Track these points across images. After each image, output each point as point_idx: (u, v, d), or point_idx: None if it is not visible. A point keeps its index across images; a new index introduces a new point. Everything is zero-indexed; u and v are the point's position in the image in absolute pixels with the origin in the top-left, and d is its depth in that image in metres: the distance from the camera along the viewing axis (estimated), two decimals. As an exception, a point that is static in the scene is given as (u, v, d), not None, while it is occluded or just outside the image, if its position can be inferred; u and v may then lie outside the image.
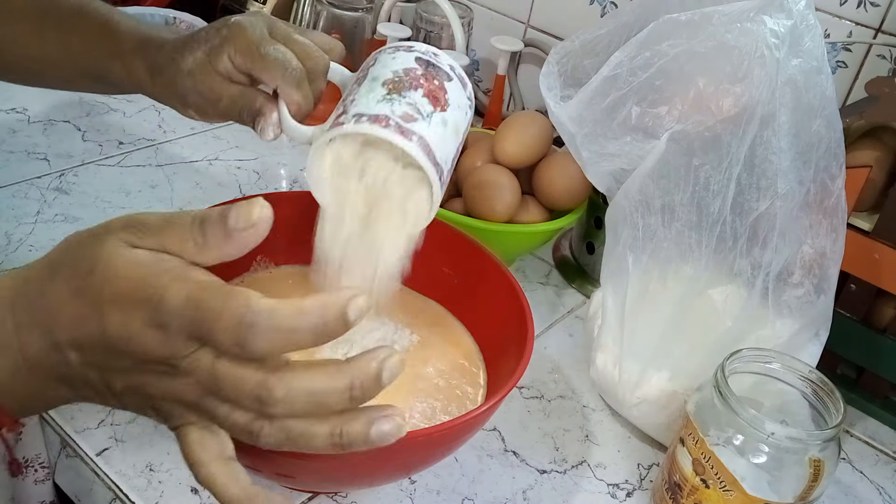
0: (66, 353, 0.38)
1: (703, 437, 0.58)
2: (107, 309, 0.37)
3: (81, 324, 0.37)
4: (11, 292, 0.39)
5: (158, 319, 0.36)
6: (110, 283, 0.37)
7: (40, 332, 0.38)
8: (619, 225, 0.67)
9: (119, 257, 0.37)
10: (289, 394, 0.36)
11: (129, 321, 0.36)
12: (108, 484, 0.59)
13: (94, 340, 0.38)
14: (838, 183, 0.65)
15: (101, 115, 1.03)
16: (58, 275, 0.38)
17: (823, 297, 0.66)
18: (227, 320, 0.35)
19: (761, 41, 0.60)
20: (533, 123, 0.84)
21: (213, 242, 0.38)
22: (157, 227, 0.38)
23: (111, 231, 0.38)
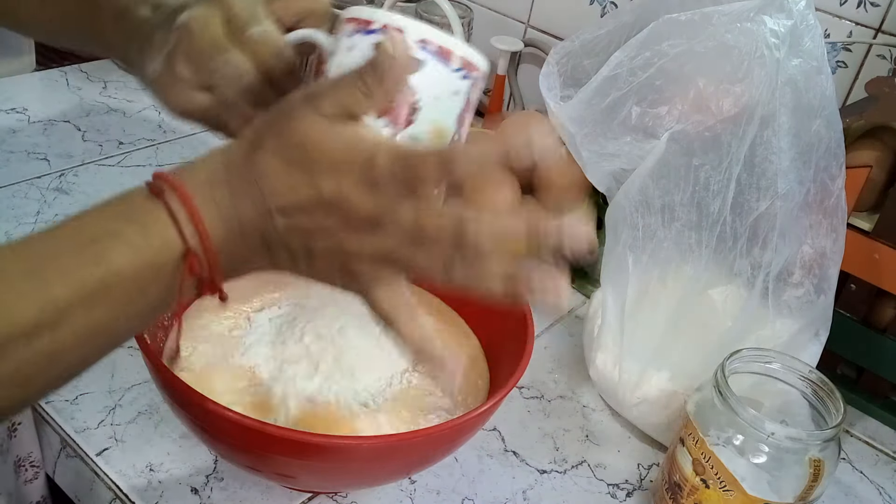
0: (275, 219, 0.42)
1: (703, 437, 0.58)
2: (320, 177, 0.41)
3: (296, 191, 0.42)
4: (223, 165, 0.43)
5: (369, 178, 0.41)
6: (321, 152, 0.41)
7: (251, 200, 0.42)
8: (619, 225, 0.67)
9: (324, 130, 0.42)
10: (479, 230, 0.41)
11: (342, 183, 0.41)
12: (108, 484, 0.59)
13: (306, 206, 0.42)
14: (838, 183, 0.65)
15: (101, 115, 1.03)
16: (263, 148, 0.42)
17: (823, 297, 0.66)
18: (431, 161, 0.40)
19: (761, 41, 0.60)
20: (533, 123, 0.84)
21: (374, 88, 0.43)
22: (332, 90, 0.43)
23: (303, 106, 0.43)
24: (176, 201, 0.42)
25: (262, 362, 0.61)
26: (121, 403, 0.65)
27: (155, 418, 0.64)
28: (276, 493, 0.61)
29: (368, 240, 0.42)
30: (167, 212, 0.41)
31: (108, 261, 0.40)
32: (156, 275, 0.41)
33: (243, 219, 0.42)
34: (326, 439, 0.54)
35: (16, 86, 1.06)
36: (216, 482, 0.61)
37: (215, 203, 0.42)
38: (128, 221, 0.41)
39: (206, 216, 0.42)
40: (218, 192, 0.42)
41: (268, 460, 0.54)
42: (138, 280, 0.41)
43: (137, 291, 0.41)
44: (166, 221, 0.41)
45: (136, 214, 0.42)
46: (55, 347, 0.39)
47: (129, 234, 0.41)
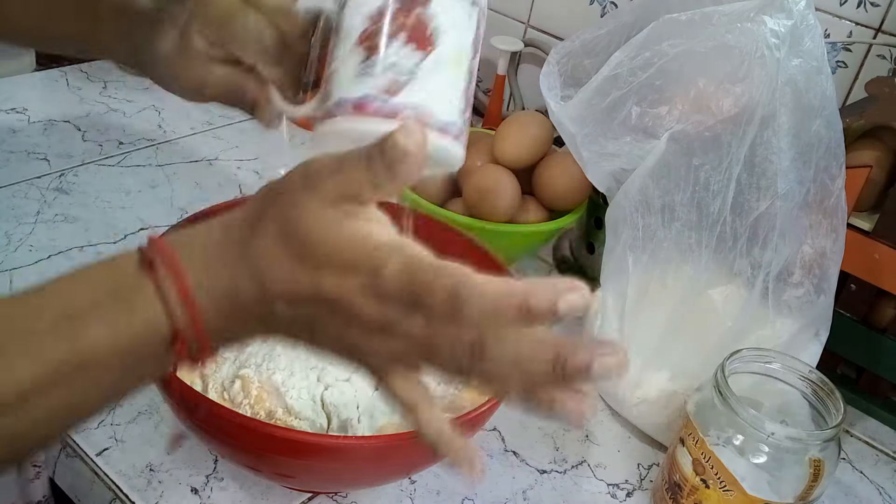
0: (276, 305, 0.40)
1: (703, 437, 0.58)
2: (323, 273, 0.39)
3: (296, 282, 0.39)
4: (222, 239, 0.41)
5: (375, 289, 0.38)
6: (326, 250, 0.39)
7: (251, 281, 0.40)
8: (619, 225, 0.67)
9: (328, 224, 0.39)
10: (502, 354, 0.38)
11: (345, 286, 0.39)
12: (108, 484, 0.59)
13: (307, 299, 0.39)
14: (838, 183, 0.65)
15: (101, 115, 1.03)
16: (263, 231, 0.40)
17: (823, 297, 0.66)
18: (440, 294, 0.37)
19: (761, 41, 0.60)
20: (533, 123, 0.84)
21: (382, 179, 0.40)
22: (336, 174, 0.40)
23: (305, 190, 0.40)
24: (167, 277, 0.39)
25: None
26: (121, 403, 0.65)
27: (155, 418, 0.64)
28: (276, 493, 0.61)
29: (376, 340, 0.40)
30: (156, 290, 0.39)
31: (85, 341, 0.38)
32: (138, 355, 0.39)
33: (240, 299, 0.40)
34: (326, 439, 0.54)
35: (16, 86, 1.06)
36: (216, 482, 0.61)
37: (210, 281, 0.40)
38: (113, 297, 0.39)
39: (198, 297, 0.39)
40: (214, 270, 0.40)
41: (268, 460, 0.54)
42: (118, 361, 0.39)
43: (117, 372, 0.39)
44: (155, 301, 0.39)
45: (122, 290, 0.39)
46: (25, 425, 0.38)
47: (112, 313, 0.39)
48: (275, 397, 0.58)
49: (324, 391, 0.58)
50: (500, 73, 1.10)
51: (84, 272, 0.40)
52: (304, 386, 0.58)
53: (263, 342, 0.61)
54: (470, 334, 0.38)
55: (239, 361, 0.60)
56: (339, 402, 0.58)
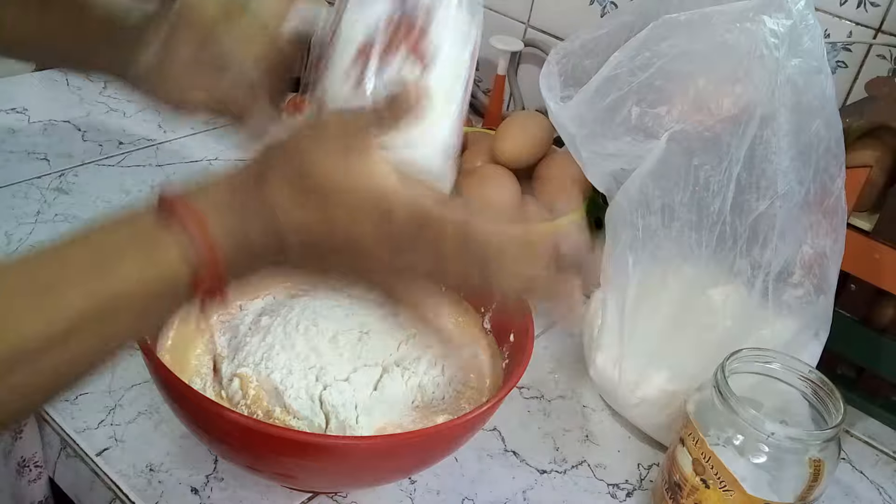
0: (289, 240, 0.43)
1: (703, 437, 0.58)
2: (333, 209, 0.42)
3: (308, 219, 0.42)
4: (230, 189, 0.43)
5: (384, 219, 0.41)
6: (334, 187, 0.41)
7: (263, 221, 0.42)
8: (619, 225, 0.67)
9: (335, 164, 0.42)
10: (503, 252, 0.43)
11: (357, 220, 0.42)
12: (108, 484, 0.59)
13: (320, 233, 0.42)
14: (838, 183, 0.65)
15: (101, 115, 1.03)
16: (272, 176, 0.42)
17: (823, 297, 0.66)
18: (450, 236, 0.41)
19: (761, 41, 0.60)
20: (533, 123, 0.84)
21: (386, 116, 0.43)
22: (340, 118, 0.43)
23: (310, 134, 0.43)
24: (189, 226, 0.41)
25: (226, 344, 0.62)
26: (121, 403, 0.65)
27: (155, 418, 0.64)
28: (276, 493, 0.61)
29: (385, 270, 0.43)
30: (180, 233, 0.41)
31: (117, 279, 0.40)
32: (163, 294, 0.41)
33: (252, 237, 0.43)
34: (326, 439, 0.54)
35: (16, 86, 1.06)
36: (216, 482, 0.61)
37: (225, 223, 0.42)
38: (138, 243, 0.41)
39: (216, 235, 0.42)
40: (227, 213, 0.42)
41: (268, 460, 0.54)
42: (148, 298, 0.41)
43: (147, 307, 0.41)
44: (178, 243, 0.41)
45: (146, 235, 0.41)
46: (64, 360, 0.39)
47: (139, 255, 0.41)
48: (273, 397, 0.58)
49: (322, 391, 0.58)
50: (500, 73, 1.10)
51: (104, 225, 0.42)
52: (302, 385, 0.58)
53: (262, 342, 0.61)
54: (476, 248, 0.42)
55: (237, 360, 0.60)
56: (338, 402, 0.57)
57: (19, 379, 0.38)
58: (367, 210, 0.41)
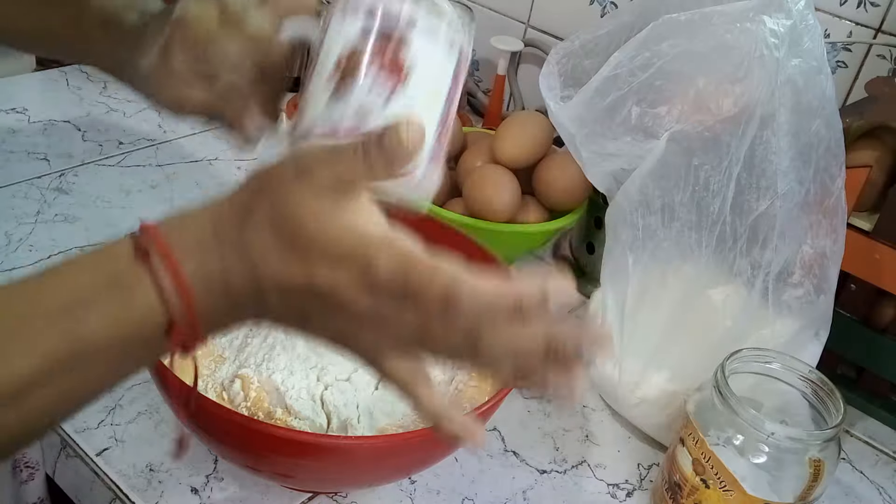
0: (268, 294, 0.41)
1: (703, 437, 0.58)
2: (315, 264, 0.39)
3: (288, 273, 0.40)
4: (213, 228, 0.41)
5: (368, 282, 0.39)
6: (319, 242, 0.39)
7: (243, 270, 0.40)
8: (619, 225, 0.67)
9: (320, 213, 0.39)
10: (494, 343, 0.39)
11: (338, 278, 0.39)
12: (108, 484, 0.59)
13: (299, 290, 0.40)
14: (838, 183, 0.65)
15: (101, 115, 1.03)
16: (255, 218, 0.40)
17: (823, 297, 0.66)
18: (434, 294, 0.38)
19: (761, 41, 0.60)
20: (533, 123, 0.84)
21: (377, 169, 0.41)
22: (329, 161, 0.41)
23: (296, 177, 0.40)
24: (163, 267, 0.39)
25: (227, 345, 0.62)
26: (121, 403, 0.65)
27: (155, 418, 0.64)
28: (276, 493, 0.61)
29: (369, 330, 0.41)
30: (152, 280, 0.39)
31: (83, 332, 0.38)
32: (134, 344, 0.40)
33: (232, 288, 0.41)
34: (326, 439, 0.54)
35: (16, 86, 1.06)
36: (216, 482, 0.61)
37: (203, 271, 0.40)
38: (109, 288, 0.39)
39: (194, 284, 0.40)
40: (207, 258, 0.40)
41: (268, 460, 0.54)
42: (115, 350, 0.39)
43: (113, 360, 0.40)
44: (151, 291, 0.39)
45: (118, 280, 0.39)
46: (22, 416, 0.38)
47: (109, 304, 0.39)
48: (274, 397, 0.58)
49: (323, 391, 0.58)
50: (500, 73, 1.10)
51: (79, 262, 0.40)
52: (303, 386, 0.58)
53: (263, 343, 0.61)
54: (465, 325, 0.39)
55: (238, 361, 0.60)
56: (339, 402, 0.58)
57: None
58: (349, 264, 0.39)
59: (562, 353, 0.39)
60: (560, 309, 0.39)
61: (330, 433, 0.57)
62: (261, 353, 0.60)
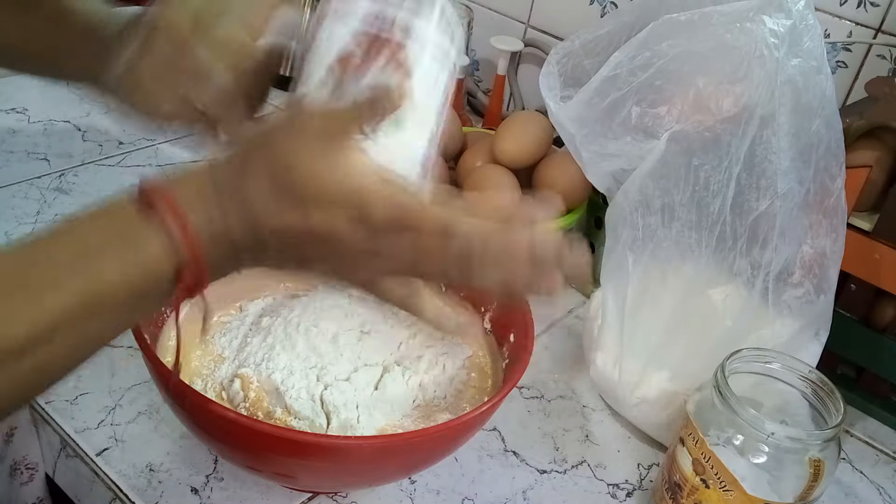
0: (268, 240, 0.43)
1: (703, 437, 0.58)
2: (311, 208, 0.42)
3: (286, 219, 0.42)
4: (212, 182, 0.43)
5: (364, 219, 0.42)
6: (314, 187, 0.42)
7: (242, 218, 0.42)
8: (619, 225, 0.67)
9: (314, 159, 0.42)
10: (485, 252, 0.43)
11: (334, 219, 0.42)
12: (108, 484, 0.59)
13: (298, 233, 0.42)
14: (838, 183, 0.65)
15: (101, 115, 1.03)
16: (252, 170, 0.42)
17: (823, 297, 0.66)
18: (431, 230, 0.42)
19: (761, 41, 0.60)
20: (533, 123, 0.84)
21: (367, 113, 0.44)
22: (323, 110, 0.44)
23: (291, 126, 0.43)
24: (170, 217, 0.41)
25: (227, 344, 0.62)
26: (121, 403, 0.65)
27: (155, 418, 0.64)
28: (276, 493, 0.61)
29: (364, 263, 0.43)
30: (161, 229, 0.41)
31: (98, 281, 0.40)
32: (146, 291, 0.41)
33: (233, 234, 0.43)
34: (326, 439, 0.54)
35: (16, 86, 1.06)
36: (216, 482, 0.61)
37: (207, 219, 0.42)
38: (120, 239, 0.41)
39: (199, 232, 0.42)
40: (208, 208, 0.42)
41: (268, 460, 0.54)
42: (131, 294, 0.41)
43: (130, 304, 0.41)
44: (160, 239, 0.41)
45: (127, 231, 0.41)
46: (47, 360, 0.39)
47: (122, 254, 0.41)
48: (274, 397, 0.58)
49: (323, 391, 0.58)
50: (500, 73, 1.10)
51: (86, 218, 0.42)
52: (303, 385, 0.58)
53: (263, 343, 0.61)
54: (458, 249, 0.42)
55: (238, 361, 0.60)
56: (339, 402, 0.57)
57: (4, 379, 0.38)
58: (344, 206, 0.42)
59: (544, 259, 0.43)
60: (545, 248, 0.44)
61: (330, 433, 0.57)
62: (260, 353, 0.60)
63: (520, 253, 0.43)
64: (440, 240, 0.42)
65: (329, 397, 0.58)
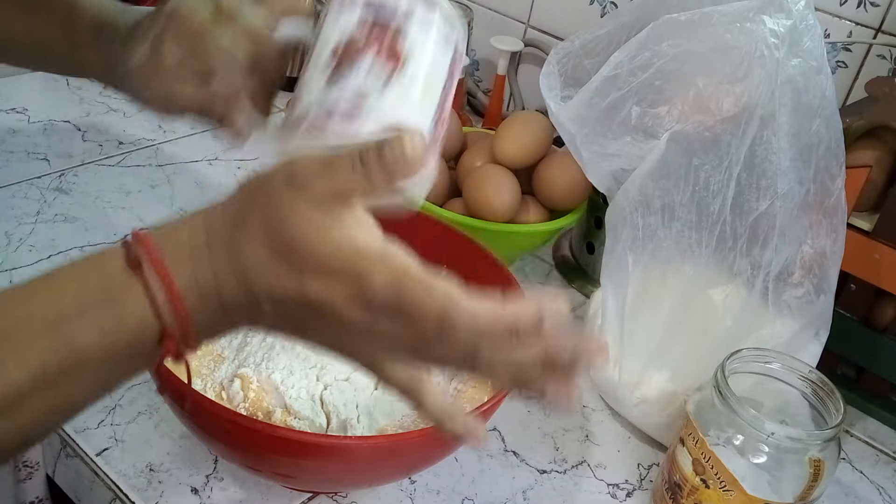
0: (262, 304, 0.40)
1: (703, 437, 0.58)
2: (309, 277, 0.39)
3: (281, 285, 0.39)
4: (205, 236, 0.40)
5: (362, 297, 0.39)
6: (313, 256, 0.39)
7: (237, 280, 0.40)
8: (619, 225, 0.67)
9: (315, 227, 0.39)
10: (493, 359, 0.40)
11: (332, 292, 0.39)
12: (108, 484, 0.59)
13: (293, 300, 0.39)
14: (838, 183, 0.65)
15: (101, 115, 1.03)
16: (248, 229, 0.40)
17: (823, 297, 0.66)
18: (429, 316, 0.38)
19: (761, 41, 0.60)
20: (533, 123, 0.84)
21: (376, 182, 0.40)
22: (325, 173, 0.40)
23: (291, 189, 0.39)
24: (155, 278, 0.39)
25: (227, 344, 0.62)
26: (121, 403, 0.65)
27: (155, 418, 0.64)
28: (276, 493, 0.61)
29: (364, 341, 0.40)
30: (145, 291, 0.39)
31: (75, 344, 0.38)
32: (127, 354, 0.40)
33: (226, 298, 0.40)
34: (326, 439, 0.54)
35: (16, 86, 1.06)
36: (216, 482, 0.61)
37: (195, 278, 0.40)
38: (101, 299, 0.39)
39: (186, 295, 0.39)
40: (198, 266, 0.40)
41: (268, 460, 0.54)
42: (109, 361, 0.39)
43: (107, 371, 0.40)
44: (143, 302, 0.39)
45: (109, 291, 0.39)
46: (14, 427, 0.38)
47: (101, 315, 0.39)
48: (274, 397, 0.58)
49: (323, 391, 0.58)
50: (500, 73, 1.10)
51: (69, 271, 0.40)
52: (303, 385, 0.58)
53: (263, 342, 0.61)
54: (462, 344, 0.39)
55: (238, 361, 0.60)
56: (339, 402, 0.58)
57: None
58: (343, 280, 0.38)
59: (559, 365, 0.40)
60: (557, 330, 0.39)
61: (330, 433, 0.57)
62: (260, 353, 0.60)
63: (532, 361, 0.40)
64: (441, 332, 0.38)
65: (329, 397, 0.58)
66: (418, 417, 0.43)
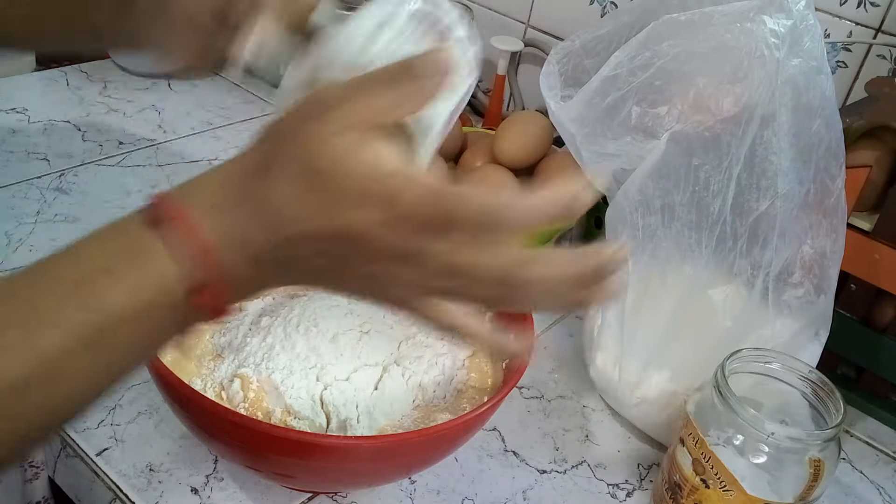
0: (295, 247, 0.39)
1: (703, 437, 0.58)
2: (343, 207, 0.38)
3: (316, 224, 0.38)
4: (228, 185, 0.40)
5: (398, 216, 0.37)
6: (345, 184, 0.38)
7: (264, 228, 0.39)
8: (619, 225, 0.67)
9: (348, 154, 0.38)
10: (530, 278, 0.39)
11: (368, 218, 0.38)
12: (108, 484, 0.59)
13: (328, 237, 0.38)
14: (838, 183, 0.65)
15: (101, 115, 1.03)
16: (278, 171, 0.39)
17: (823, 297, 0.66)
18: (471, 216, 0.37)
19: (761, 41, 0.60)
20: (533, 123, 0.84)
21: (406, 99, 0.39)
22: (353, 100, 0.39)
23: (319, 121, 0.39)
24: (180, 233, 0.38)
25: (227, 344, 0.62)
26: (121, 403, 0.65)
27: (155, 418, 0.64)
28: (276, 493, 0.61)
29: (402, 271, 0.39)
30: (169, 247, 0.38)
31: (104, 305, 0.37)
32: (158, 313, 0.38)
33: (252, 244, 0.39)
34: (326, 439, 0.54)
35: (16, 86, 1.06)
36: (216, 482, 0.61)
37: (222, 229, 0.39)
38: (125, 257, 0.38)
39: (215, 247, 0.38)
40: (227, 218, 0.39)
41: (267, 460, 0.54)
42: (139, 322, 0.38)
43: (138, 333, 0.39)
44: (168, 258, 0.38)
45: (133, 248, 0.38)
46: (50, 399, 0.37)
47: (127, 274, 0.38)
48: (274, 397, 0.58)
49: (323, 391, 0.58)
50: (500, 73, 1.10)
51: (92, 238, 0.39)
52: (303, 385, 0.58)
53: (263, 342, 0.61)
54: (497, 265, 0.38)
55: (237, 361, 0.60)
56: (339, 402, 0.57)
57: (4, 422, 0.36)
58: (376, 195, 0.37)
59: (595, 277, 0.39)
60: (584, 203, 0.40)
61: (330, 433, 0.57)
62: (260, 353, 0.60)
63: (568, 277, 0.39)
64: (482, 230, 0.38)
65: (329, 397, 0.58)
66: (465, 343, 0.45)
